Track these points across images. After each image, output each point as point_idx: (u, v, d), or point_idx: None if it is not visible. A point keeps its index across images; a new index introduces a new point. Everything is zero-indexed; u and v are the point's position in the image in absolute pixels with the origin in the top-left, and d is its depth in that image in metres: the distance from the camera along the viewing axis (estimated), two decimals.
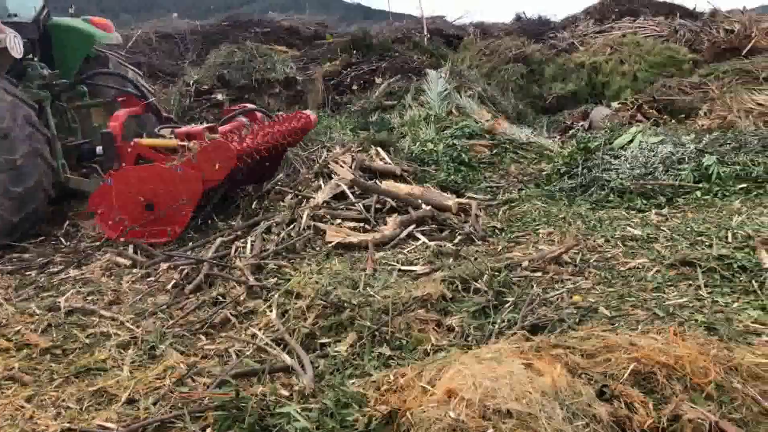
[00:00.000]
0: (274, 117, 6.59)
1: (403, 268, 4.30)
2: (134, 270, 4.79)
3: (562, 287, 3.97)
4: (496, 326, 3.29)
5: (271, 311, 3.70)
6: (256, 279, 4.31)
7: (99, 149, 6.02)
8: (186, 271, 4.48)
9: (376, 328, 3.33)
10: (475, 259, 4.36)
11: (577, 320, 3.45)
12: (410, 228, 5.16)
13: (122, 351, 3.55)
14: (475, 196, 6.50)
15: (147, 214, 5.34)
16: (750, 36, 12.70)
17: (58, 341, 3.74)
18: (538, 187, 6.90)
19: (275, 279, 4.27)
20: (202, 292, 4.25)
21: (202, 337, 3.72)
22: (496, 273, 3.88)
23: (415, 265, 4.35)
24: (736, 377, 2.83)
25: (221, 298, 4.10)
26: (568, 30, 17.68)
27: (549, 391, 2.39)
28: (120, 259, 4.99)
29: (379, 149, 7.30)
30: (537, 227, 5.38)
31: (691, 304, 3.67)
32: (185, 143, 5.41)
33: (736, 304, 3.71)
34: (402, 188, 5.98)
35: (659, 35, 15.19)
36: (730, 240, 4.63)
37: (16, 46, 5.82)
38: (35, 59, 6.50)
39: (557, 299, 3.76)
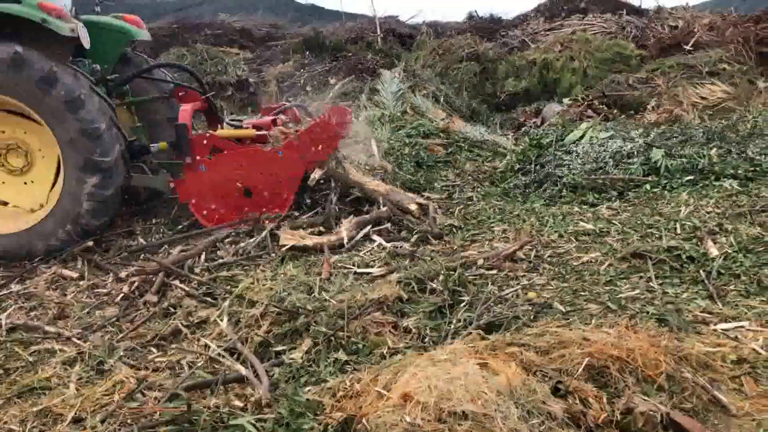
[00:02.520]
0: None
1: (359, 270, 4.26)
2: (81, 282, 4.62)
3: (517, 284, 4.00)
4: (452, 326, 3.28)
5: (223, 320, 3.60)
6: (208, 288, 4.20)
7: (154, 146, 5.77)
8: (136, 282, 4.33)
9: (331, 333, 3.28)
10: (431, 259, 4.35)
11: (532, 317, 3.46)
12: (367, 229, 5.12)
13: (68, 368, 3.41)
14: (431, 195, 6.50)
15: (245, 200, 5.26)
16: (693, 31, 13.08)
17: (0, 361, 3.57)
18: (493, 185, 6.95)
19: (228, 287, 4.16)
20: (154, 303, 4.12)
21: (154, 350, 3.60)
22: (451, 272, 3.87)
23: (372, 267, 4.31)
24: (687, 367, 2.89)
25: (172, 309, 3.99)
26: (519, 28, 17.92)
27: (504, 390, 2.39)
28: (66, 272, 4.80)
29: None
30: (492, 225, 5.41)
31: (642, 296, 3.74)
32: (287, 130, 5.45)
33: (685, 295, 3.79)
34: (369, 182, 5.91)
35: (607, 32, 15.54)
36: (678, 231, 4.74)
37: (86, 38, 5.57)
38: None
39: (512, 296, 3.78)
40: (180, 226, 5.49)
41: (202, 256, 4.74)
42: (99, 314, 4.10)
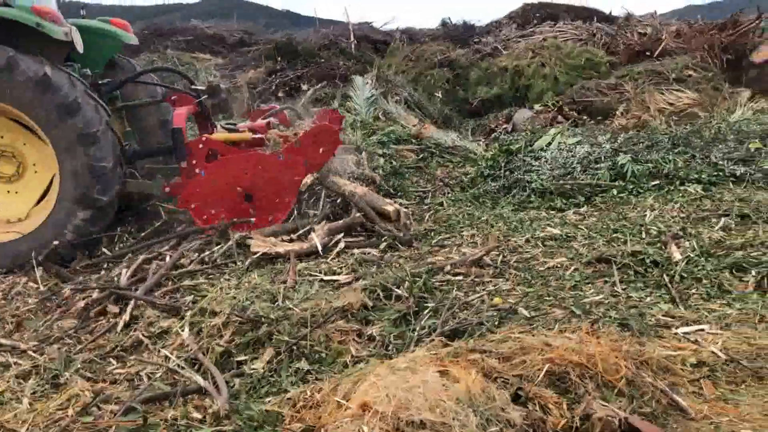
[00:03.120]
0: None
1: (326, 278, 4.21)
2: (40, 293, 4.50)
3: (483, 290, 3.99)
4: (416, 333, 3.25)
5: (184, 330, 3.53)
6: (171, 298, 4.12)
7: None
8: (94, 294, 4.23)
9: (294, 343, 3.23)
10: (399, 265, 4.33)
11: (496, 322, 3.46)
12: (339, 236, 5.07)
13: (22, 381, 3.31)
14: (402, 201, 6.49)
15: (246, 204, 5.19)
16: (660, 39, 13.31)
17: None
18: (463, 191, 6.97)
19: (192, 296, 4.09)
20: (115, 314, 4.03)
21: (113, 361, 3.52)
22: (417, 279, 3.85)
23: (339, 274, 4.27)
24: (647, 371, 2.91)
25: (134, 320, 3.90)
26: (492, 35, 18.05)
27: (463, 398, 2.37)
28: (26, 282, 4.68)
29: None
30: (461, 230, 5.42)
31: (606, 301, 3.76)
32: (284, 133, 5.43)
33: (648, 299, 3.82)
34: (347, 185, 5.88)
35: (578, 39, 15.74)
36: (644, 236, 4.79)
37: (80, 42, 5.45)
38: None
39: (478, 302, 3.77)
40: (143, 234, 5.38)
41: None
42: (58, 326, 3.99)
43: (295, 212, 5.53)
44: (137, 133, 6.33)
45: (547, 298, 3.83)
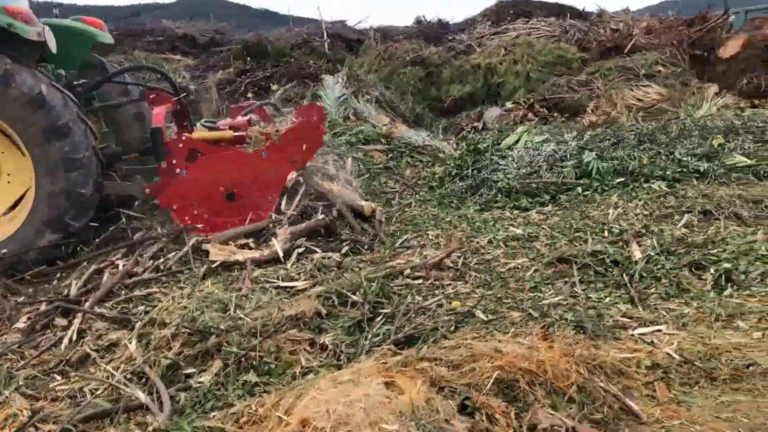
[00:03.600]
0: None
1: (282, 284, 4.12)
2: None
3: (442, 293, 3.93)
4: (368, 342, 3.17)
5: (132, 343, 3.42)
6: (123, 308, 4.00)
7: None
8: (42, 306, 4.09)
9: (243, 354, 3.14)
10: (359, 269, 4.25)
11: (453, 327, 3.39)
12: (301, 240, 4.96)
13: None
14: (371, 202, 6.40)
15: (229, 204, 5.08)
16: (631, 35, 13.37)
17: None
18: (431, 190, 6.91)
19: (143, 306, 3.97)
20: (63, 327, 3.89)
21: (57, 377, 3.39)
22: (372, 284, 3.77)
23: (297, 280, 4.18)
24: (600, 376, 2.86)
25: (82, 333, 3.77)
26: (466, 32, 18.02)
27: (406, 410, 2.30)
28: None
29: None
30: (427, 231, 5.36)
31: (565, 302, 3.72)
32: (265, 131, 5.36)
33: (608, 299, 3.79)
34: (323, 184, 5.82)
35: (552, 35, 15.75)
36: (606, 235, 4.77)
37: (53, 41, 5.28)
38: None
39: (435, 306, 3.70)
40: (98, 240, 5.24)
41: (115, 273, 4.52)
42: (1, 341, 3.84)
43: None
44: (115, 133, 6.23)
45: (506, 301, 3.78)
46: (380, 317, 3.49)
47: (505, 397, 2.57)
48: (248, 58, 11.93)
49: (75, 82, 5.69)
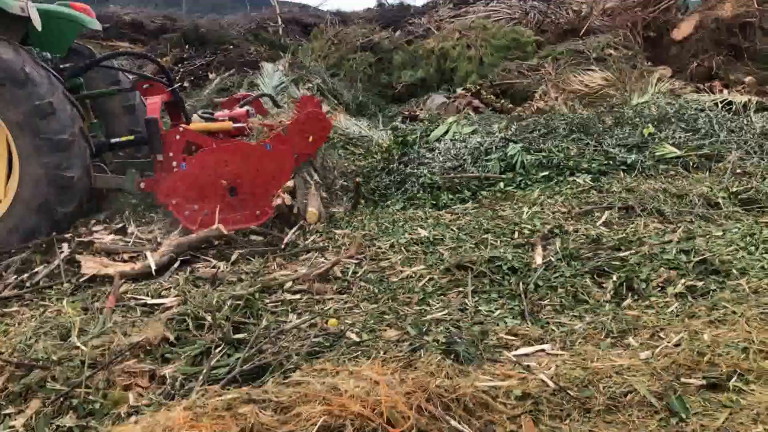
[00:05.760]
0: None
1: (150, 301, 3.74)
2: None
3: (322, 308, 3.58)
4: (203, 376, 2.80)
5: None
6: None
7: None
8: None
9: (66, 391, 2.77)
10: (235, 282, 3.88)
11: (315, 352, 3.04)
12: (184, 251, 4.54)
13: None
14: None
15: (231, 199, 4.82)
16: (588, 17, 13.03)
17: None
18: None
19: None
20: None
21: None
22: (239, 301, 3.41)
23: (166, 297, 3.80)
24: (459, 411, 2.54)
25: None
26: (427, 15, 17.59)
27: None
28: None
29: None
30: (336, 234, 4.99)
31: (449, 318, 3.38)
32: (269, 122, 5.15)
33: (498, 312, 3.47)
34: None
35: (511, 18, 15.36)
36: (516, 236, 4.45)
37: (38, 19, 5.04)
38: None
39: (308, 327, 3.35)
40: None
41: None
42: None
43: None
44: (103, 123, 5.90)
45: (387, 317, 3.44)
46: (239, 344, 3.13)
47: None
48: (186, 46, 11.41)
49: (61, 66, 5.40)
